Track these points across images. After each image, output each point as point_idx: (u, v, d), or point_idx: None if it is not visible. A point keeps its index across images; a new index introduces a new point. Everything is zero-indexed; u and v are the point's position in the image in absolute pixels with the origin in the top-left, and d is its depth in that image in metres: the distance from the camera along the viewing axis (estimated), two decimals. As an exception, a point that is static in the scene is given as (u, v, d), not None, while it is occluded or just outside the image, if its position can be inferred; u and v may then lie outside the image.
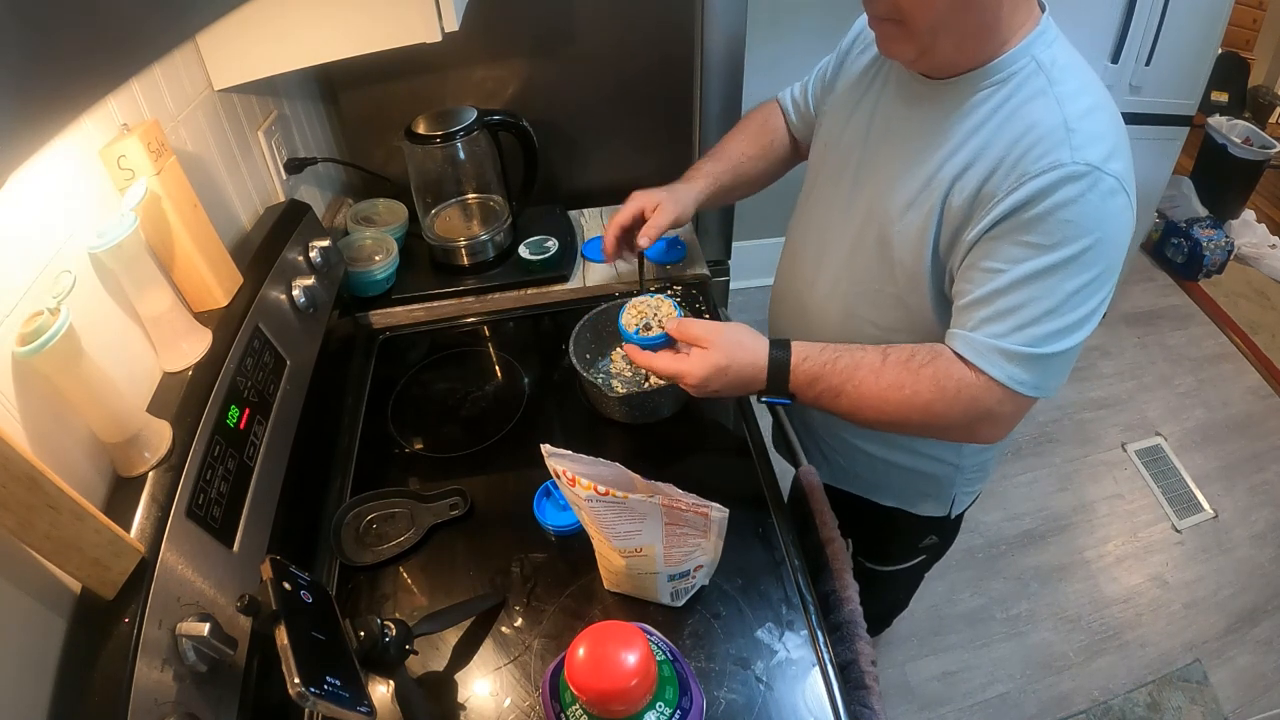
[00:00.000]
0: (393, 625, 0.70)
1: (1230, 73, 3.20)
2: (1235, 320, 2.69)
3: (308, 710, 0.73)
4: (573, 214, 1.40)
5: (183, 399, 0.73)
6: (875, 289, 0.88)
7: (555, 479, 0.71)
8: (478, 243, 1.25)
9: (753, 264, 2.39)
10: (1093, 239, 0.69)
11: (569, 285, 1.26)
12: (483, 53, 1.28)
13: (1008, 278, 0.72)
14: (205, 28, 0.58)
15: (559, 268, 1.26)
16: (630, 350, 0.88)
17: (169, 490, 0.65)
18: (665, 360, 0.84)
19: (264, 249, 0.96)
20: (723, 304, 1.56)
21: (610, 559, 0.77)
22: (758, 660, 0.77)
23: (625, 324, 0.91)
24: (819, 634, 0.79)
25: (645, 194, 1.05)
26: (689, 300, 1.21)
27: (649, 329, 0.90)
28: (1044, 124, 0.70)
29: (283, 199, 1.12)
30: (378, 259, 1.21)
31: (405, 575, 0.87)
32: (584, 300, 1.24)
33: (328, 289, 1.05)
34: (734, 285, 1.90)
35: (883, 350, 0.80)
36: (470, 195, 1.31)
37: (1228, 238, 2.84)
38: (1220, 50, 2.36)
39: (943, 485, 1.06)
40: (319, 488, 0.97)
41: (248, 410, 0.79)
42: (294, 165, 1.15)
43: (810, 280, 0.96)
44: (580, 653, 0.57)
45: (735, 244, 1.71)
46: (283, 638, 0.56)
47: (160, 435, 0.68)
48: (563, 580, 0.85)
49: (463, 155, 1.21)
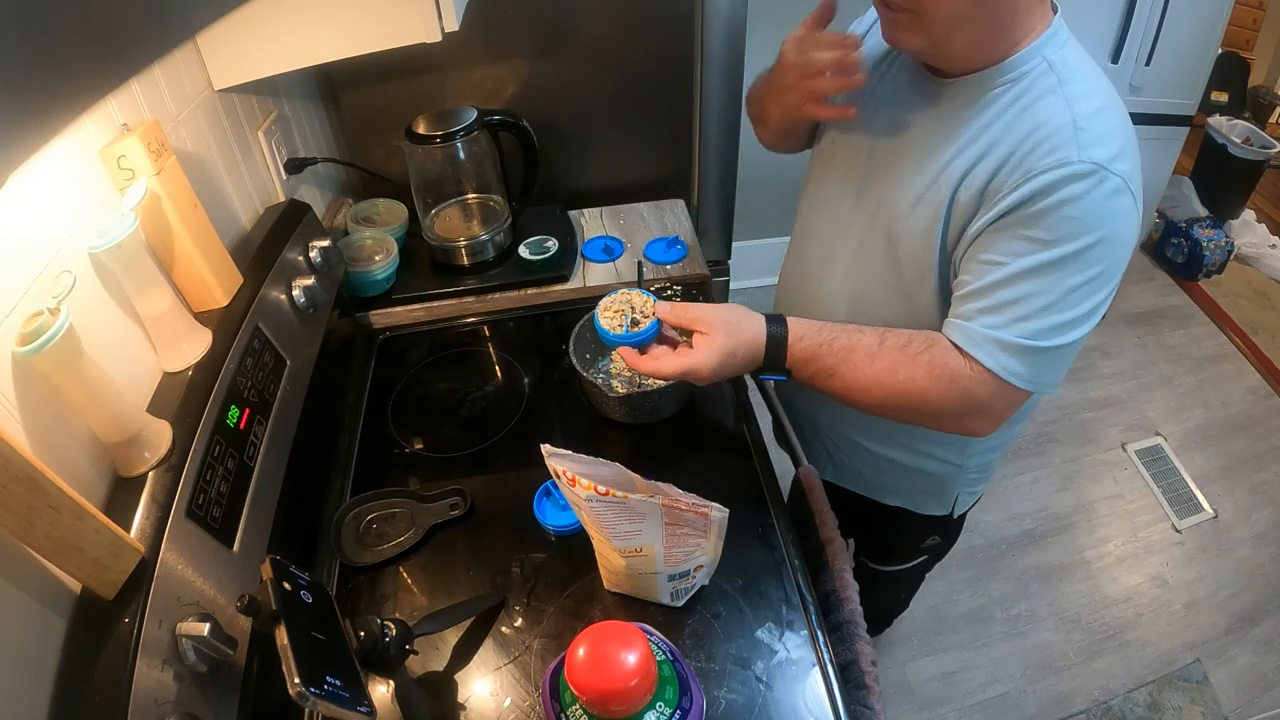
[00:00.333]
0: (393, 625, 0.70)
1: (1230, 73, 3.20)
2: (1235, 320, 2.69)
3: (308, 710, 0.73)
4: (573, 214, 1.40)
5: (183, 399, 0.73)
6: (882, 284, 0.87)
7: (555, 479, 0.71)
8: (478, 243, 1.25)
9: (753, 264, 2.39)
10: (1095, 237, 0.69)
11: (569, 285, 1.26)
12: (483, 53, 1.28)
13: (1007, 270, 0.72)
14: (205, 28, 0.58)
15: (559, 268, 1.26)
16: (628, 357, 0.82)
17: (169, 490, 0.65)
18: (671, 360, 0.80)
19: (264, 249, 0.95)
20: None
21: (610, 559, 0.77)
22: (758, 660, 0.77)
23: (609, 328, 0.83)
24: (819, 634, 0.79)
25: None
26: (689, 300, 1.21)
27: (637, 324, 0.83)
28: (1052, 122, 0.70)
29: (283, 199, 1.11)
30: (378, 259, 1.21)
31: (405, 575, 0.87)
32: (584, 300, 1.24)
33: (328, 289, 1.05)
34: (734, 285, 1.90)
35: (880, 333, 0.80)
36: (470, 195, 1.31)
37: (1228, 238, 2.84)
38: (1220, 50, 2.36)
39: (945, 484, 1.06)
40: (319, 488, 0.96)
41: (248, 410, 0.79)
42: (294, 165, 1.15)
43: (818, 276, 0.96)
44: (580, 653, 0.57)
45: (735, 244, 1.71)
46: (283, 638, 0.56)
47: (160, 435, 0.68)
48: (563, 580, 0.85)
49: (463, 155, 1.21)
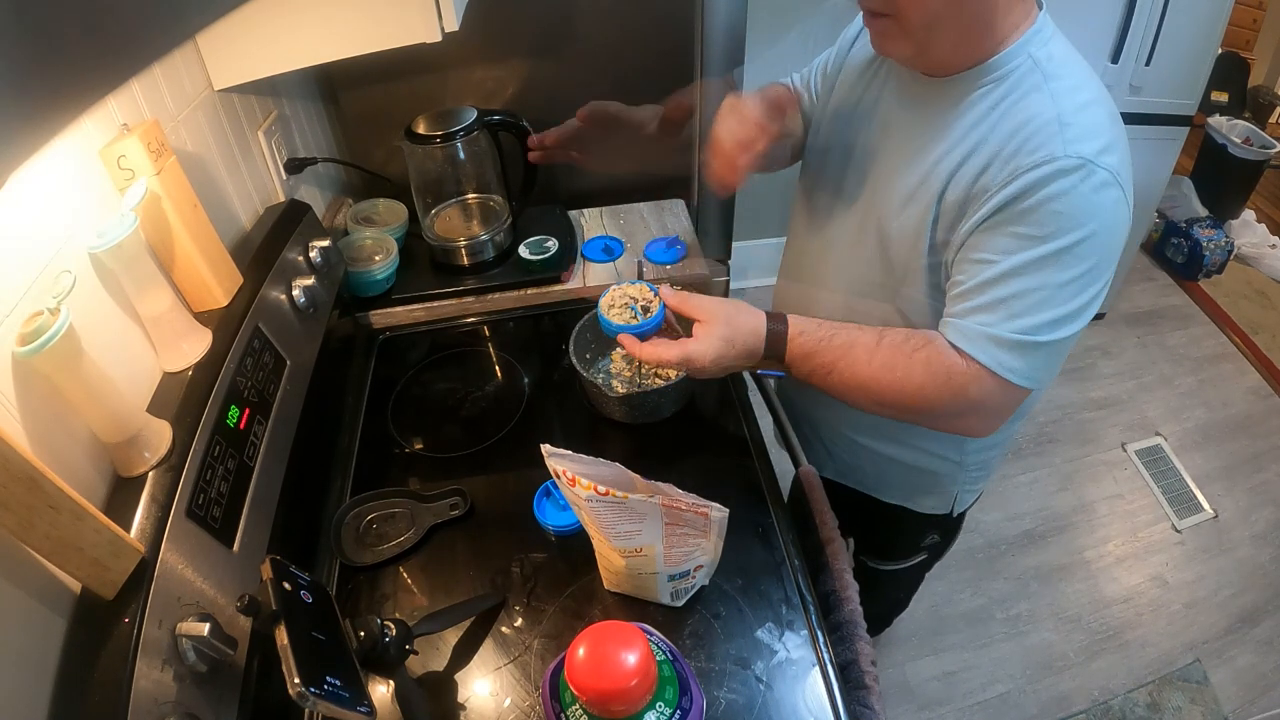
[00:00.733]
0: (393, 625, 0.70)
1: (1230, 73, 3.20)
2: (1235, 320, 2.69)
3: (308, 710, 0.73)
4: (573, 214, 1.40)
5: (183, 399, 0.73)
6: (874, 281, 0.88)
7: (555, 479, 0.71)
8: (478, 243, 1.25)
9: (753, 264, 2.39)
10: (1085, 232, 0.69)
11: (569, 285, 1.26)
12: (483, 53, 1.28)
13: (999, 268, 0.72)
14: (205, 28, 0.58)
15: (559, 268, 1.26)
16: (630, 344, 0.83)
17: (169, 490, 0.65)
18: (672, 348, 0.81)
19: (264, 249, 0.95)
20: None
21: (610, 559, 0.77)
22: (758, 660, 0.77)
23: (617, 320, 0.86)
24: (819, 634, 0.79)
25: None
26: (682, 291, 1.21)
27: (647, 311, 0.85)
28: (1038, 119, 0.70)
29: (283, 199, 1.11)
30: (378, 259, 1.21)
31: (405, 575, 0.87)
32: (584, 300, 1.24)
33: (328, 289, 1.05)
34: (734, 285, 1.90)
35: (879, 332, 0.81)
36: (470, 195, 1.31)
37: (1228, 238, 2.84)
38: (1220, 50, 2.36)
39: (945, 482, 1.07)
40: (319, 488, 0.96)
41: (248, 410, 0.79)
42: (294, 165, 1.15)
43: (813, 276, 0.97)
44: (580, 653, 0.57)
45: (735, 244, 1.71)
46: (283, 638, 0.56)
47: (160, 435, 0.68)
48: (563, 580, 0.85)
49: (463, 155, 1.21)
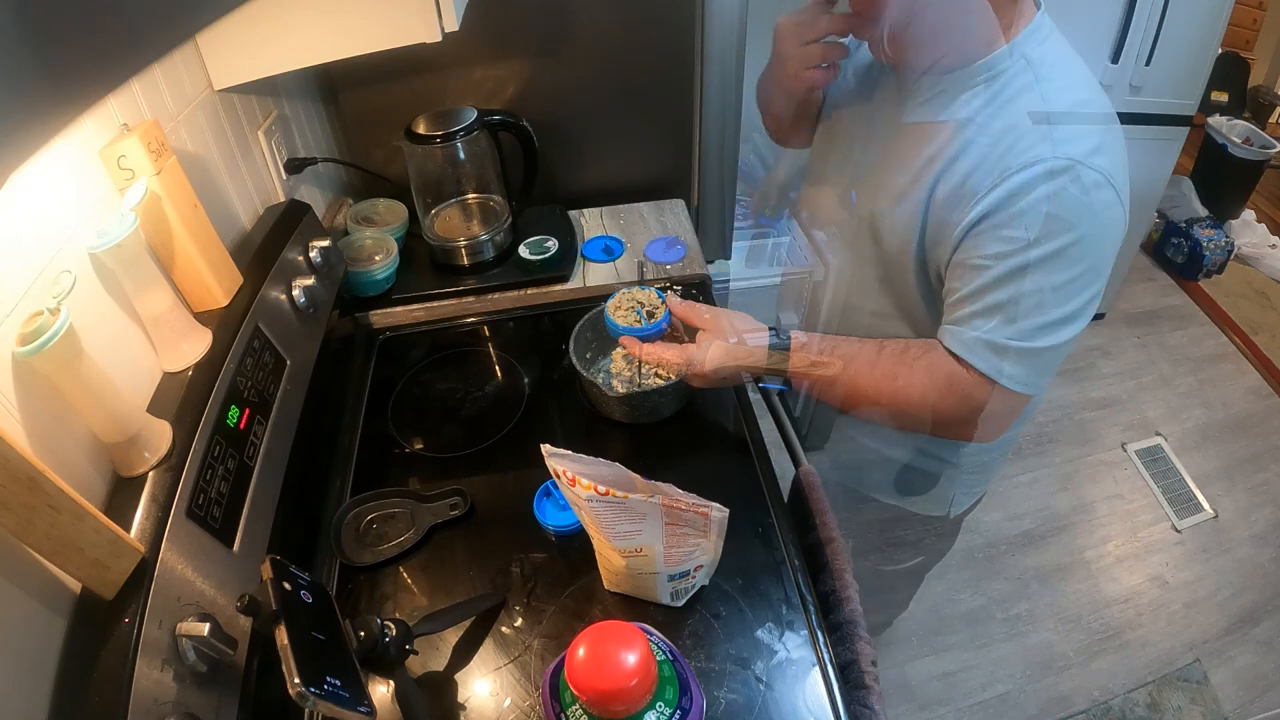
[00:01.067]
0: (393, 625, 0.70)
1: (1230, 73, 3.20)
2: (1235, 320, 2.69)
3: (308, 710, 0.72)
4: (573, 214, 1.40)
5: (183, 399, 0.73)
6: (869, 277, 0.89)
7: (555, 479, 0.71)
8: (478, 243, 1.25)
9: (753, 264, 2.39)
10: (1077, 234, 0.68)
11: (569, 285, 1.26)
12: (483, 53, 1.28)
13: (992, 274, 0.72)
14: (205, 28, 0.58)
15: (559, 268, 1.25)
16: (631, 344, 0.87)
17: (169, 490, 0.65)
18: (674, 350, 0.84)
19: (264, 249, 0.95)
20: (722, 304, 1.55)
21: (610, 559, 0.77)
22: (758, 660, 0.77)
23: (623, 322, 0.90)
24: (819, 634, 0.79)
25: None
26: (689, 300, 1.20)
27: (651, 316, 0.88)
28: (1027, 120, 0.70)
29: (283, 199, 1.11)
30: (378, 259, 1.21)
31: (405, 575, 0.87)
32: (584, 300, 1.24)
33: (328, 289, 1.05)
34: (734, 285, 1.90)
35: (879, 343, 0.81)
36: (470, 195, 1.31)
37: (1228, 238, 2.84)
38: (1220, 50, 2.36)
39: (941, 484, 1.07)
40: (319, 488, 0.96)
41: (248, 410, 0.79)
42: (294, 165, 1.14)
43: (814, 273, 0.98)
44: (580, 653, 0.57)
45: (735, 244, 1.71)
46: (283, 638, 0.56)
47: (160, 435, 0.68)
48: (563, 580, 0.85)
49: (463, 155, 1.21)
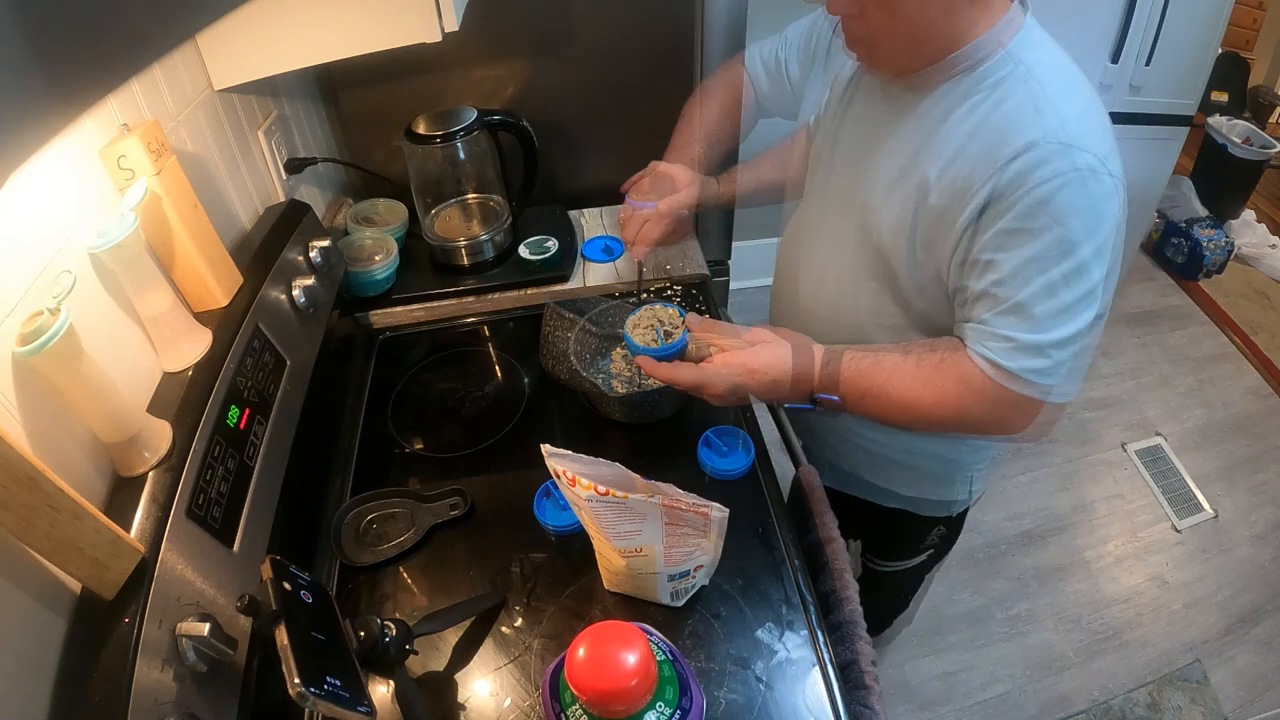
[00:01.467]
0: (393, 625, 0.70)
1: (1230, 73, 3.20)
2: (1235, 320, 2.69)
3: (308, 710, 0.73)
4: (573, 214, 1.40)
5: (183, 399, 0.73)
6: (860, 278, 0.88)
7: (555, 479, 0.71)
8: (478, 243, 1.25)
9: (753, 264, 2.38)
10: (1077, 218, 0.69)
11: (569, 285, 1.26)
12: (483, 53, 1.28)
13: (1002, 270, 0.72)
14: (205, 28, 0.58)
15: (559, 268, 1.25)
16: (646, 365, 0.84)
17: (169, 490, 0.65)
18: (687, 372, 0.82)
19: (264, 249, 0.95)
20: (722, 304, 1.55)
21: (610, 559, 0.77)
22: (758, 660, 0.77)
23: (640, 341, 0.88)
24: (819, 634, 0.79)
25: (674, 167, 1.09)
26: (689, 300, 1.21)
27: (670, 335, 0.86)
28: (1017, 112, 0.70)
29: (283, 199, 1.11)
30: (378, 259, 1.21)
31: (405, 575, 0.87)
32: (584, 300, 1.23)
33: (328, 289, 1.05)
34: (734, 285, 1.89)
35: (903, 349, 0.80)
36: (470, 195, 1.31)
37: (1228, 238, 2.84)
38: (1220, 50, 2.36)
39: (943, 483, 1.07)
40: (319, 488, 0.96)
41: (248, 410, 0.79)
42: (294, 165, 1.14)
43: (801, 275, 0.97)
44: (580, 653, 0.57)
45: (735, 244, 1.71)
46: (283, 638, 0.56)
47: (160, 435, 0.68)
48: (563, 580, 0.85)
49: (463, 155, 1.21)
